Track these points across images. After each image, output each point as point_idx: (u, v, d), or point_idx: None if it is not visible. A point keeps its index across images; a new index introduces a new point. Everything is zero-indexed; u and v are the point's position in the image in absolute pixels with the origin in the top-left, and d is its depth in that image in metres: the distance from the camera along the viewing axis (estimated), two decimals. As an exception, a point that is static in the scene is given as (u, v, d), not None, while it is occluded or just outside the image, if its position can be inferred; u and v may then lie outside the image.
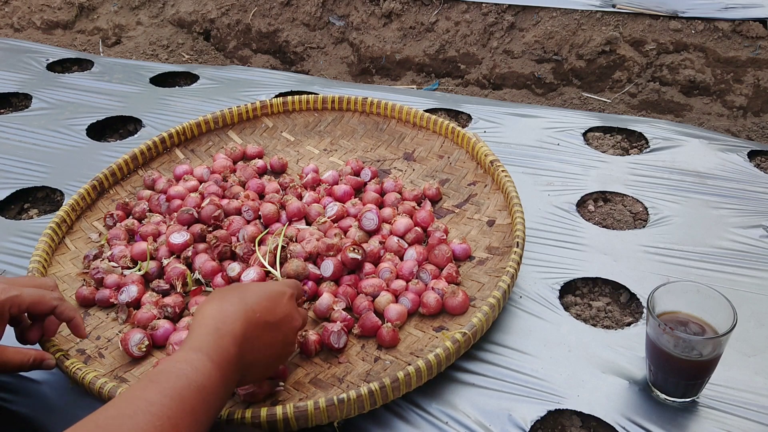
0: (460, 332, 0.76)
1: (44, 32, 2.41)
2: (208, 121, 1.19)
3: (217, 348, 0.61)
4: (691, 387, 0.74)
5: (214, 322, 0.63)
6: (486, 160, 1.03)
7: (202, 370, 0.58)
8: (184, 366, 0.58)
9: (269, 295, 0.69)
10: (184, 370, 0.57)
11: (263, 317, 0.66)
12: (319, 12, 2.23)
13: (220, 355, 0.60)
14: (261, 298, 0.68)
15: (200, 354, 0.59)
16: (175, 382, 0.56)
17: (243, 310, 0.65)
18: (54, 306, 0.75)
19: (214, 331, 0.62)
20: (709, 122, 1.77)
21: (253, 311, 0.66)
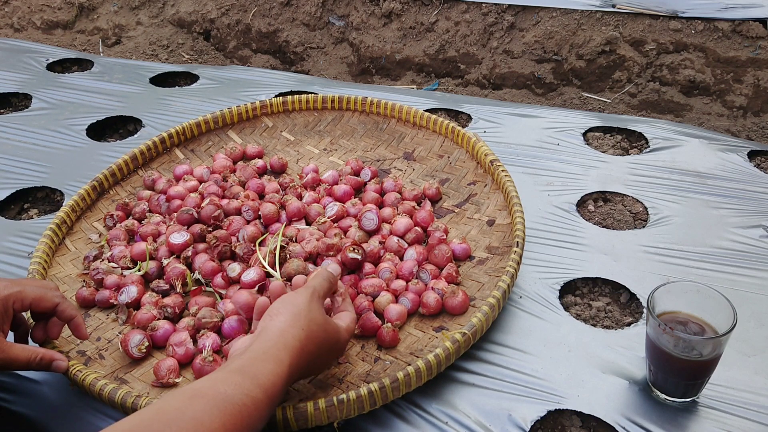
0: (460, 332, 0.76)
1: (44, 32, 2.41)
2: (207, 121, 1.19)
3: (277, 388, 0.61)
4: (691, 387, 0.74)
5: (289, 361, 0.63)
6: (486, 159, 1.03)
7: (255, 400, 0.58)
8: (235, 391, 0.57)
9: (337, 348, 0.71)
10: (240, 399, 0.57)
11: (320, 365, 0.71)
12: (319, 12, 2.23)
13: (276, 392, 0.60)
14: (329, 349, 0.70)
15: (252, 383, 0.59)
16: (227, 406, 0.55)
17: (311, 358, 0.67)
18: (56, 303, 0.76)
19: (286, 372, 0.62)
20: (709, 122, 1.77)
21: (318, 358, 0.68)
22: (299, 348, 0.64)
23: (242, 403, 0.56)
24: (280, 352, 0.63)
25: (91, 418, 0.77)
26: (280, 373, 0.61)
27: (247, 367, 0.60)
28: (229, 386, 0.57)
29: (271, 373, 0.60)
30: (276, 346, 0.63)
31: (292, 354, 0.63)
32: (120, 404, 0.71)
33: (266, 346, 0.63)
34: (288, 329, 0.65)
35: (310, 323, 0.67)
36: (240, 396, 0.57)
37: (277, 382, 0.61)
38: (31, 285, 0.76)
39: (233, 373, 0.59)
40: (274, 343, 0.63)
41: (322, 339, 0.68)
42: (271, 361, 0.62)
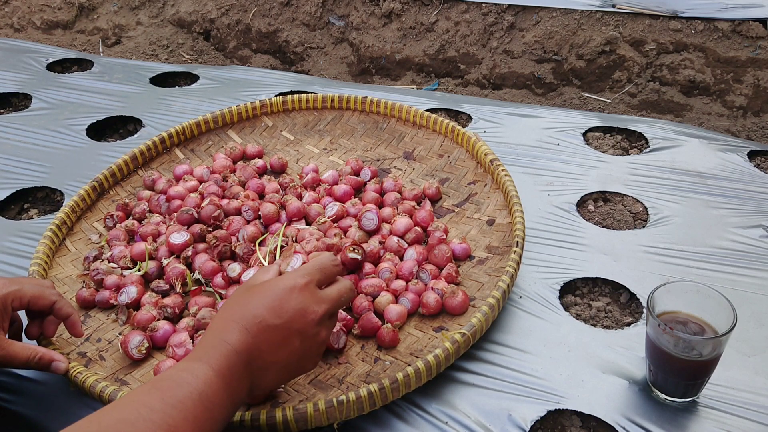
0: (460, 332, 0.76)
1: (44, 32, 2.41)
2: (207, 121, 1.19)
3: (219, 357, 0.60)
4: (691, 387, 0.74)
5: (218, 332, 0.62)
6: (486, 159, 1.03)
7: (204, 379, 0.57)
8: (185, 374, 0.57)
9: (275, 295, 0.65)
10: (185, 378, 0.57)
11: (266, 321, 0.63)
12: (319, 12, 2.23)
13: (222, 363, 0.59)
14: (265, 299, 0.64)
15: (200, 363, 0.59)
16: (177, 390, 0.55)
17: (243, 316, 0.63)
18: (53, 301, 0.76)
19: (214, 341, 0.61)
20: (709, 122, 1.77)
21: (255, 316, 0.63)
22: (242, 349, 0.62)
23: (199, 389, 0.56)
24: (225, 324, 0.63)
25: (91, 418, 0.77)
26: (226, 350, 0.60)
27: (202, 355, 0.60)
28: (187, 374, 0.57)
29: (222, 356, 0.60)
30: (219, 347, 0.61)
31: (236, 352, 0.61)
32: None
33: (209, 328, 0.64)
34: (228, 328, 0.63)
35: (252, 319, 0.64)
36: (198, 383, 0.57)
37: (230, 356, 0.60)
38: (29, 283, 0.76)
39: (191, 361, 0.60)
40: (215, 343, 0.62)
41: (266, 292, 0.65)
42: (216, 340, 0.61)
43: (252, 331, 0.62)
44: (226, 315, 0.64)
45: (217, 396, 0.57)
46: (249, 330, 0.62)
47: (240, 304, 0.65)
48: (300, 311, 0.64)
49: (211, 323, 0.65)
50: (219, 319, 0.64)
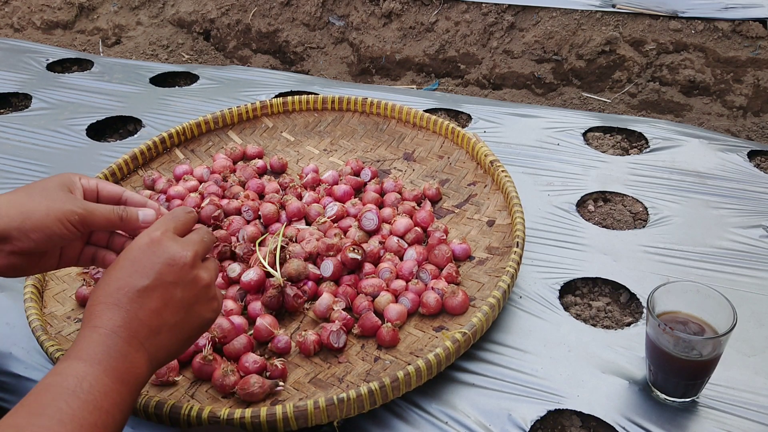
0: (460, 332, 0.76)
1: (44, 32, 2.41)
2: (208, 121, 1.19)
3: (87, 346, 0.54)
4: (691, 387, 0.74)
5: (87, 322, 0.56)
6: (486, 160, 1.03)
7: (72, 374, 0.52)
8: (53, 378, 0.52)
9: (132, 257, 0.59)
10: (52, 381, 0.51)
11: (134, 286, 0.57)
12: (319, 12, 2.23)
13: (97, 350, 0.54)
14: (125, 267, 0.58)
15: (69, 360, 0.53)
16: (45, 396, 0.50)
17: (106, 293, 0.57)
18: (122, 191, 0.70)
19: (83, 333, 0.55)
20: (709, 122, 1.77)
21: (119, 288, 0.57)
22: (111, 327, 0.56)
23: (92, 396, 0.51)
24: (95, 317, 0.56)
25: (91, 417, 0.77)
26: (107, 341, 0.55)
27: (69, 350, 0.55)
28: (53, 377, 0.52)
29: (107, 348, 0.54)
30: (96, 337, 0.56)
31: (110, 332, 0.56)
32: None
33: (82, 323, 0.58)
34: (91, 296, 0.59)
35: (110, 268, 0.60)
36: (63, 381, 0.51)
37: (102, 341, 0.55)
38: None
39: (59, 362, 0.54)
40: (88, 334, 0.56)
41: (124, 259, 0.59)
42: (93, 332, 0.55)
43: (122, 303, 0.56)
44: (90, 302, 0.58)
45: (98, 385, 0.52)
46: (119, 304, 0.56)
47: (100, 286, 0.59)
48: (167, 261, 0.59)
49: (85, 311, 0.58)
50: (86, 310, 0.58)
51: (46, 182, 0.65)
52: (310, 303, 0.87)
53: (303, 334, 0.80)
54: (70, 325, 0.85)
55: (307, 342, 0.79)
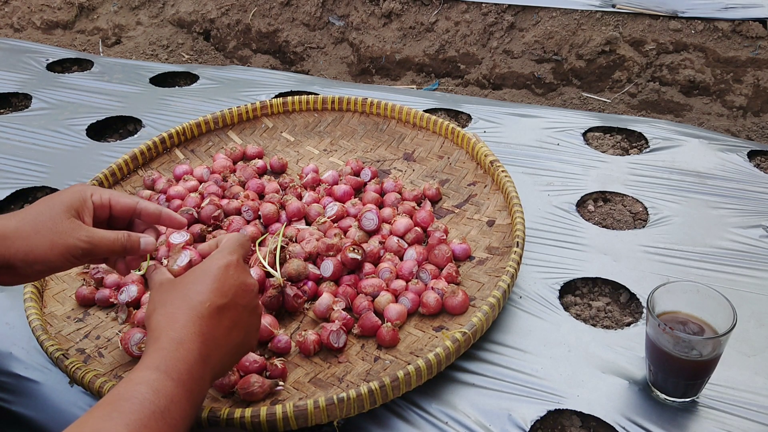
0: (460, 332, 0.76)
1: (44, 32, 2.41)
2: (208, 122, 1.19)
3: (176, 362, 0.56)
4: (691, 387, 0.74)
5: (166, 332, 0.58)
6: (486, 160, 1.03)
7: (165, 393, 0.53)
8: (145, 390, 0.53)
9: (213, 276, 0.62)
10: (145, 395, 0.52)
11: (215, 304, 0.60)
12: (319, 12, 2.23)
13: (180, 369, 0.56)
14: (206, 283, 0.61)
15: (159, 373, 0.54)
16: (140, 411, 0.51)
17: (189, 306, 0.59)
18: (137, 201, 0.72)
19: (168, 343, 0.57)
20: (709, 122, 1.77)
21: (201, 302, 0.60)
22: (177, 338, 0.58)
23: (161, 406, 0.52)
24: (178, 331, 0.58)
25: (91, 417, 0.77)
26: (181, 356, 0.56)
27: (154, 357, 0.56)
28: (144, 387, 0.53)
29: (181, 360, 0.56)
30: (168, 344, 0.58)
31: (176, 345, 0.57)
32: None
33: (154, 327, 0.59)
34: (166, 302, 0.61)
35: (186, 280, 0.62)
36: (155, 397, 0.53)
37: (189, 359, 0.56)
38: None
39: (146, 369, 0.55)
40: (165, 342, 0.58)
41: (203, 276, 0.62)
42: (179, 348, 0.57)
43: (204, 319, 0.59)
44: (168, 308, 0.60)
45: (182, 409, 0.54)
46: (200, 318, 0.59)
47: (180, 294, 0.61)
48: (241, 285, 0.63)
49: (153, 320, 0.60)
50: (162, 314, 0.60)
51: (56, 205, 0.66)
52: (310, 303, 0.87)
53: (303, 334, 0.80)
54: (70, 325, 0.85)
55: (307, 342, 0.79)
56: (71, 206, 0.66)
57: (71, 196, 0.67)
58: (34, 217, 0.65)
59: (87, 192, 0.68)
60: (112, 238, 0.67)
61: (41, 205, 0.66)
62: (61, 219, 0.65)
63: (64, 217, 0.65)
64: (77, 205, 0.67)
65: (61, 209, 0.65)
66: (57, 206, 0.66)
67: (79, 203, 0.67)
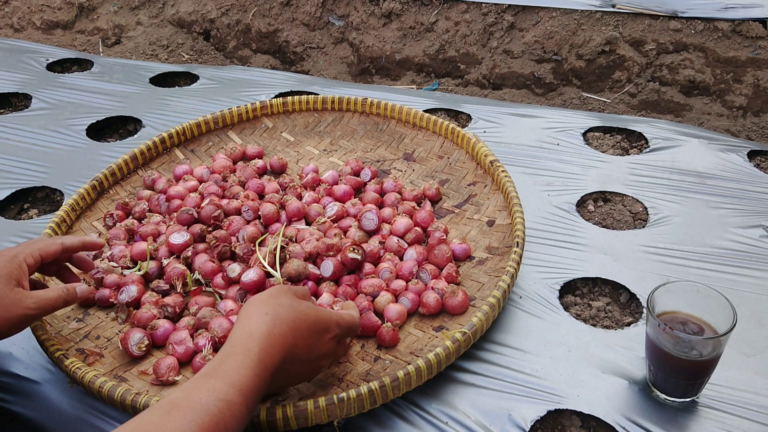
0: (460, 332, 0.76)
1: (44, 32, 2.41)
2: (207, 122, 1.19)
3: (251, 382, 0.60)
4: (691, 387, 0.74)
5: (258, 348, 0.62)
6: (486, 160, 1.03)
7: (230, 403, 0.57)
8: (209, 398, 0.56)
9: (317, 330, 0.68)
10: (215, 405, 0.56)
11: (302, 354, 0.66)
12: (319, 12, 2.23)
13: (250, 388, 0.59)
14: (309, 331, 0.67)
15: (225, 384, 0.58)
16: (203, 417, 0.54)
17: (286, 344, 0.64)
18: (60, 243, 0.78)
19: (255, 362, 0.61)
20: (709, 122, 1.77)
21: (296, 346, 0.65)
22: (266, 332, 0.63)
23: (218, 410, 0.56)
24: (247, 341, 0.62)
25: (90, 418, 0.77)
26: (249, 363, 0.60)
27: (217, 367, 0.60)
28: (204, 393, 0.56)
29: (241, 366, 0.60)
30: (241, 338, 0.62)
31: (258, 339, 0.62)
32: (119, 402, 0.71)
33: (232, 341, 0.63)
34: (251, 319, 0.64)
35: (276, 307, 0.66)
36: (215, 402, 0.56)
37: (249, 374, 0.60)
38: (31, 241, 0.78)
39: (205, 377, 0.59)
40: (238, 336, 0.63)
41: (294, 318, 0.66)
42: (239, 355, 0.61)
43: (287, 358, 0.64)
44: (273, 329, 0.64)
45: (239, 420, 0.58)
46: (286, 356, 0.64)
47: (287, 322, 0.65)
48: (325, 355, 0.70)
49: (251, 323, 0.64)
50: (263, 327, 0.64)
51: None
52: (310, 303, 0.87)
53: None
54: (69, 324, 0.85)
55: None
56: (10, 277, 0.71)
57: (8, 267, 0.72)
58: None
59: (20, 257, 0.74)
60: (54, 296, 0.74)
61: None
62: (5, 294, 0.70)
63: (8, 291, 0.70)
64: (15, 274, 0.72)
65: (2, 284, 0.70)
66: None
67: (17, 271, 0.72)
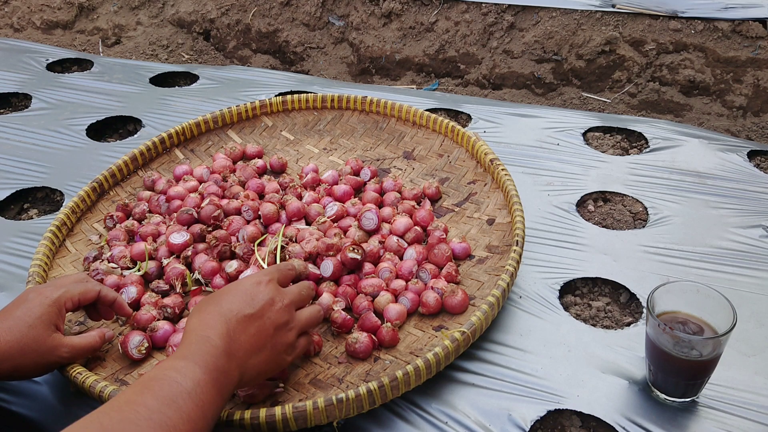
0: (459, 331, 0.76)
1: (44, 32, 2.41)
2: (207, 121, 1.19)
3: (202, 353, 0.62)
4: (691, 387, 0.74)
5: (196, 331, 0.65)
6: (486, 158, 1.03)
7: (191, 377, 0.59)
8: (173, 374, 0.59)
9: (243, 289, 0.70)
10: (174, 377, 0.58)
11: (241, 312, 0.67)
12: (319, 12, 2.23)
13: (206, 359, 0.61)
14: (237, 294, 0.69)
15: (186, 361, 0.60)
16: (169, 389, 0.57)
17: (219, 312, 0.67)
18: (98, 291, 0.80)
19: (196, 339, 0.64)
20: (708, 122, 1.77)
21: (230, 310, 0.67)
22: (224, 329, 0.65)
23: (192, 387, 0.58)
24: (207, 333, 0.65)
25: (90, 418, 0.77)
26: (214, 351, 0.63)
27: (186, 352, 0.62)
28: (175, 372, 0.59)
29: (207, 354, 0.62)
30: (201, 333, 0.65)
31: (219, 332, 0.65)
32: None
33: (188, 329, 0.66)
34: (201, 310, 0.68)
35: (221, 293, 0.70)
36: (187, 380, 0.58)
37: (217, 361, 0.62)
38: (70, 282, 0.79)
39: (175, 359, 0.61)
40: (196, 331, 0.65)
41: (236, 289, 0.70)
42: (202, 343, 0.63)
43: (231, 323, 0.66)
44: (202, 314, 0.67)
45: (208, 393, 0.59)
46: (228, 322, 0.66)
47: (214, 302, 0.69)
48: (269, 301, 0.70)
49: (188, 324, 0.67)
50: (196, 318, 0.67)
51: (37, 325, 0.73)
52: (311, 303, 0.87)
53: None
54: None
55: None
56: (50, 322, 0.74)
57: (48, 312, 0.74)
58: (18, 338, 0.71)
59: (61, 301, 0.76)
60: (87, 344, 0.77)
61: (23, 321, 0.72)
62: (44, 339, 0.73)
63: (46, 336, 0.73)
64: (54, 319, 0.74)
65: (42, 328, 0.73)
66: (39, 326, 0.73)
67: (56, 317, 0.75)
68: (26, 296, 0.75)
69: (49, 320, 0.73)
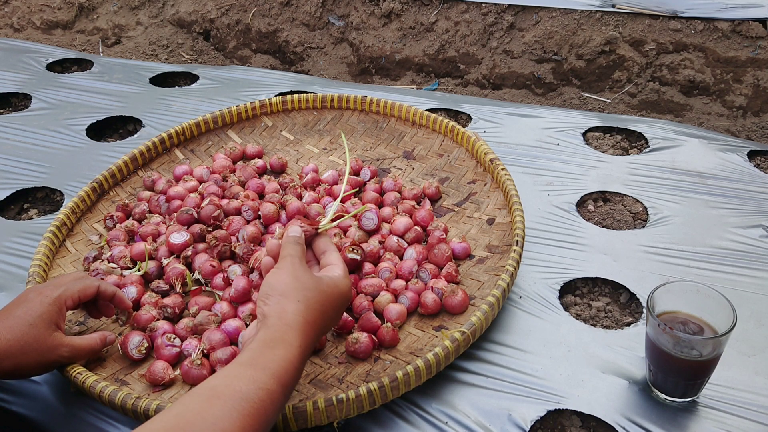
0: (459, 331, 0.76)
1: (44, 32, 2.41)
2: (207, 121, 1.19)
3: (290, 373, 0.61)
4: (691, 387, 0.74)
5: (298, 341, 0.63)
6: (486, 158, 1.03)
7: (270, 392, 0.58)
8: (250, 387, 0.57)
9: (340, 305, 0.70)
10: (256, 394, 0.57)
11: (330, 326, 0.70)
12: (319, 12, 2.23)
13: (289, 379, 0.61)
14: (334, 310, 0.69)
15: (265, 375, 0.59)
16: (244, 405, 0.56)
17: (318, 327, 0.66)
18: (97, 286, 0.80)
19: (296, 355, 0.62)
20: (708, 122, 1.77)
21: (326, 326, 0.68)
22: (303, 322, 0.64)
23: (258, 399, 0.57)
24: (286, 334, 0.63)
25: (90, 418, 0.77)
26: (290, 357, 0.61)
27: (258, 357, 0.60)
28: (244, 382, 0.57)
29: (282, 359, 0.61)
30: (280, 330, 0.63)
31: (298, 331, 0.63)
32: (120, 406, 0.71)
33: (270, 332, 0.63)
34: (285, 308, 0.65)
35: (304, 292, 0.66)
36: (255, 391, 0.57)
37: (289, 368, 0.61)
38: (69, 280, 0.79)
39: (245, 366, 0.60)
40: (277, 328, 0.63)
41: (322, 301, 0.67)
42: (279, 347, 0.62)
43: (310, 323, 0.65)
44: (302, 320, 0.65)
45: (277, 404, 0.59)
46: (317, 337, 0.67)
47: (316, 315, 0.67)
48: (342, 291, 0.71)
49: (277, 321, 0.64)
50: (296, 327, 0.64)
51: (38, 323, 0.73)
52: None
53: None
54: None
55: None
56: (51, 320, 0.74)
57: (49, 310, 0.74)
58: (19, 337, 0.71)
59: (61, 300, 0.76)
60: (87, 345, 0.77)
61: (24, 320, 0.72)
62: (44, 338, 0.73)
63: (47, 335, 0.73)
64: (55, 318, 0.74)
65: (43, 327, 0.73)
66: (40, 325, 0.73)
67: (57, 315, 0.75)
68: (26, 296, 0.75)
69: (50, 319, 0.73)
